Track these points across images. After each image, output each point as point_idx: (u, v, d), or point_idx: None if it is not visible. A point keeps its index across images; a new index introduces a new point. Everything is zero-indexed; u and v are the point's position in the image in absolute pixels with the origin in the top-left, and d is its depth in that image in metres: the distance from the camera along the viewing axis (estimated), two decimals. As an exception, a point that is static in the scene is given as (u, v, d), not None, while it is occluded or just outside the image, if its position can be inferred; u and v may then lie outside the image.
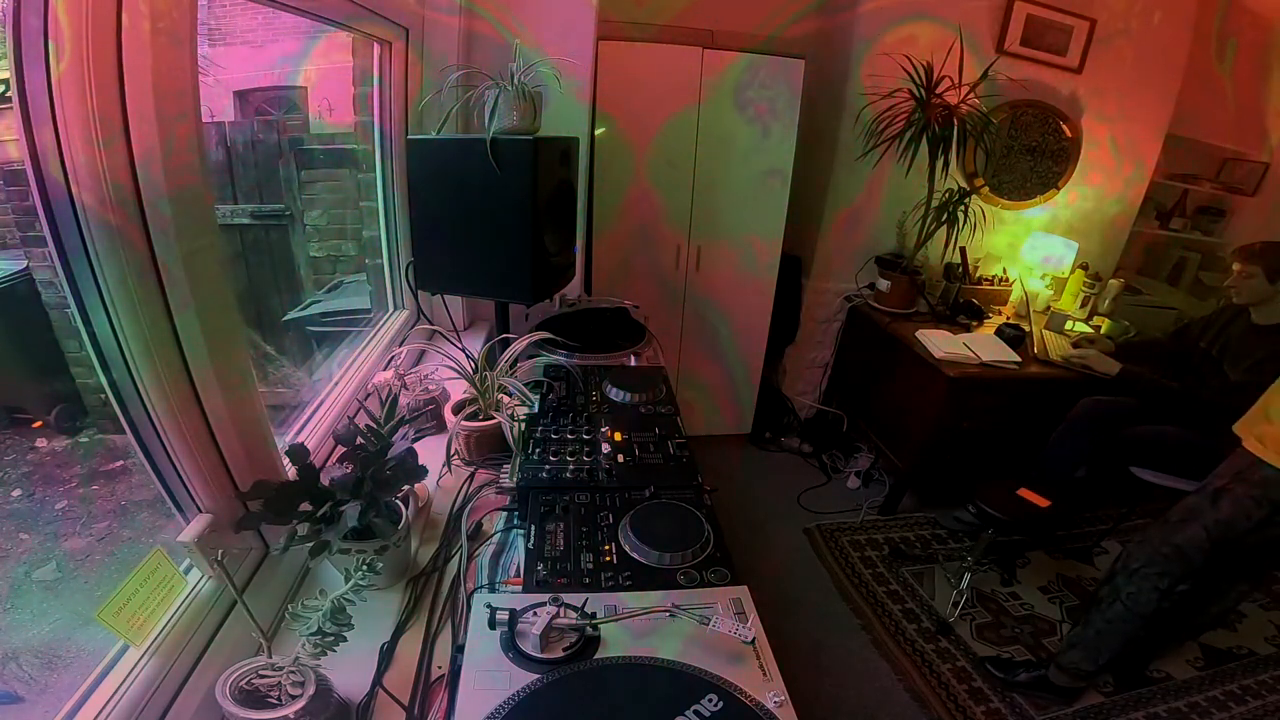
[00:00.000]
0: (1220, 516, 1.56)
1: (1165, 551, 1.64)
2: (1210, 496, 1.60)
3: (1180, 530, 1.62)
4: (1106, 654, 1.76)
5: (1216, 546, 1.57)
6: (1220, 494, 1.57)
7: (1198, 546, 1.59)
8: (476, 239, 1.44)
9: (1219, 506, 1.57)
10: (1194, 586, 1.69)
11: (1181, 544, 1.61)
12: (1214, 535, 1.57)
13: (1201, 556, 1.59)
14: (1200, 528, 1.59)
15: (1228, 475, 1.58)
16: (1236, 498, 1.54)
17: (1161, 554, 1.64)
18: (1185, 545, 1.61)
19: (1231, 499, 1.55)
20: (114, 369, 0.76)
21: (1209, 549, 1.58)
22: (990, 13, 2.60)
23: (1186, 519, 1.62)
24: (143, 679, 0.73)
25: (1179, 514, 1.65)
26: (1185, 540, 1.61)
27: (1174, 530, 1.64)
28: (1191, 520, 1.61)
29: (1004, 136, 2.78)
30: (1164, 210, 3.44)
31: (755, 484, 2.92)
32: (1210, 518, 1.58)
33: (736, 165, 2.56)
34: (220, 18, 2.14)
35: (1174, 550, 1.62)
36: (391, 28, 1.60)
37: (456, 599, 0.96)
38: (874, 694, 1.91)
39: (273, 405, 1.28)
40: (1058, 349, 2.48)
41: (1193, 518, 1.61)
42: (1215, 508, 1.57)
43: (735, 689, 0.74)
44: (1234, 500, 1.55)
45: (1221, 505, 1.57)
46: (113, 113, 0.66)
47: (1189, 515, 1.62)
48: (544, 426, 1.31)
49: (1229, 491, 1.56)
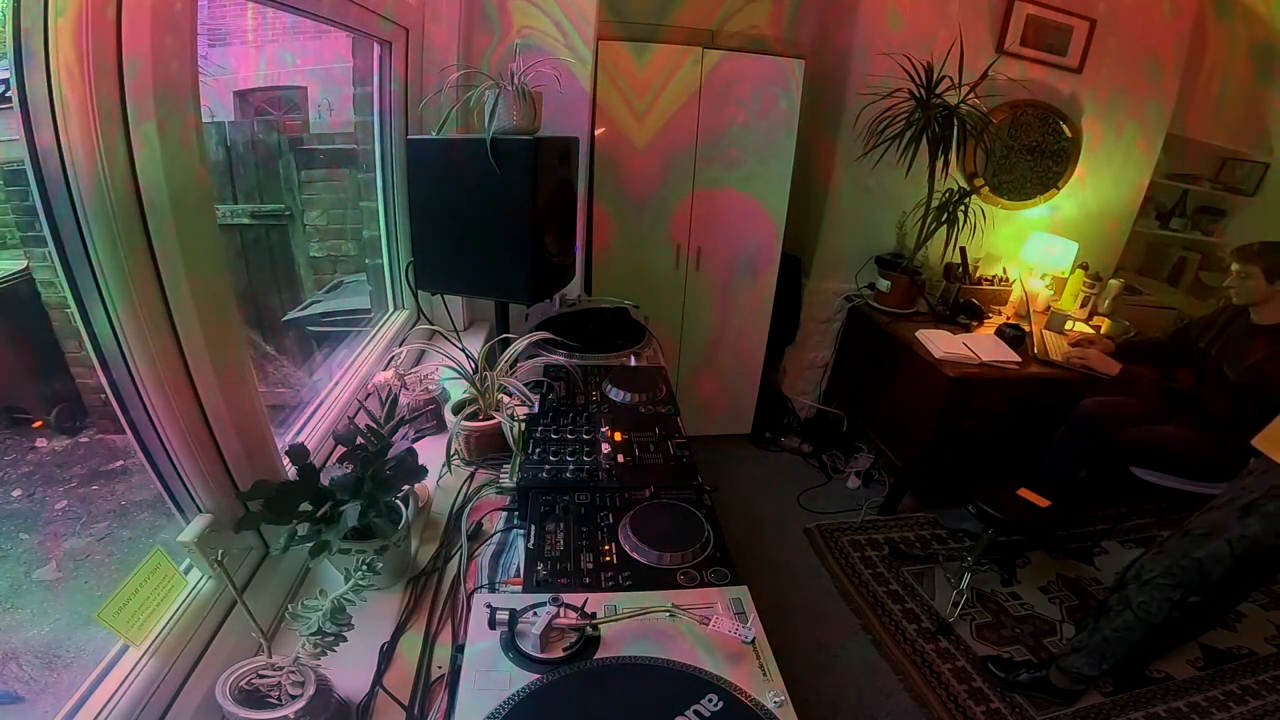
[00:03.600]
0: (1247, 533, 1.52)
1: (1184, 564, 1.60)
2: (1238, 512, 1.54)
3: (1203, 544, 1.58)
4: (1110, 660, 1.75)
5: (1239, 562, 1.54)
6: (1250, 509, 1.52)
7: (1219, 561, 1.55)
8: (476, 239, 1.44)
9: (1247, 522, 1.52)
10: (1206, 598, 1.66)
11: (1202, 558, 1.57)
12: (1238, 551, 1.53)
13: (1221, 571, 1.56)
14: (1224, 543, 1.54)
15: (1259, 490, 1.52)
16: (1268, 514, 1.50)
17: (1180, 566, 1.61)
18: (1206, 559, 1.57)
19: (1262, 515, 1.50)
20: (114, 369, 0.76)
21: (1231, 564, 1.54)
22: (990, 13, 2.60)
23: (1210, 533, 1.57)
24: (143, 679, 0.73)
25: (1201, 527, 1.60)
26: (1207, 554, 1.57)
27: (1196, 544, 1.59)
28: (1215, 535, 1.56)
29: (1004, 136, 2.78)
30: (1164, 210, 3.44)
31: (755, 484, 2.92)
32: (1236, 533, 1.53)
33: (736, 165, 2.56)
34: (220, 18, 2.14)
35: (1193, 564, 1.59)
36: (391, 28, 1.60)
37: (456, 599, 0.96)
38: (874, 694, 1.91)
39: (273, 405, 1.28)
40: (1058, 349, 2.48)
41: (1217, 533, 1.56)
42: (1243, 523, 1.53)
43: (735, 689, 0.74)
44: (1265, 516, 1.50)
45: (1250, 521, 1.52)
46: (113, 113, 0.66)
47: (1213, 530, 1.57)
48: (544, 426, 1.31)
49: (1260, 507, 1.51)
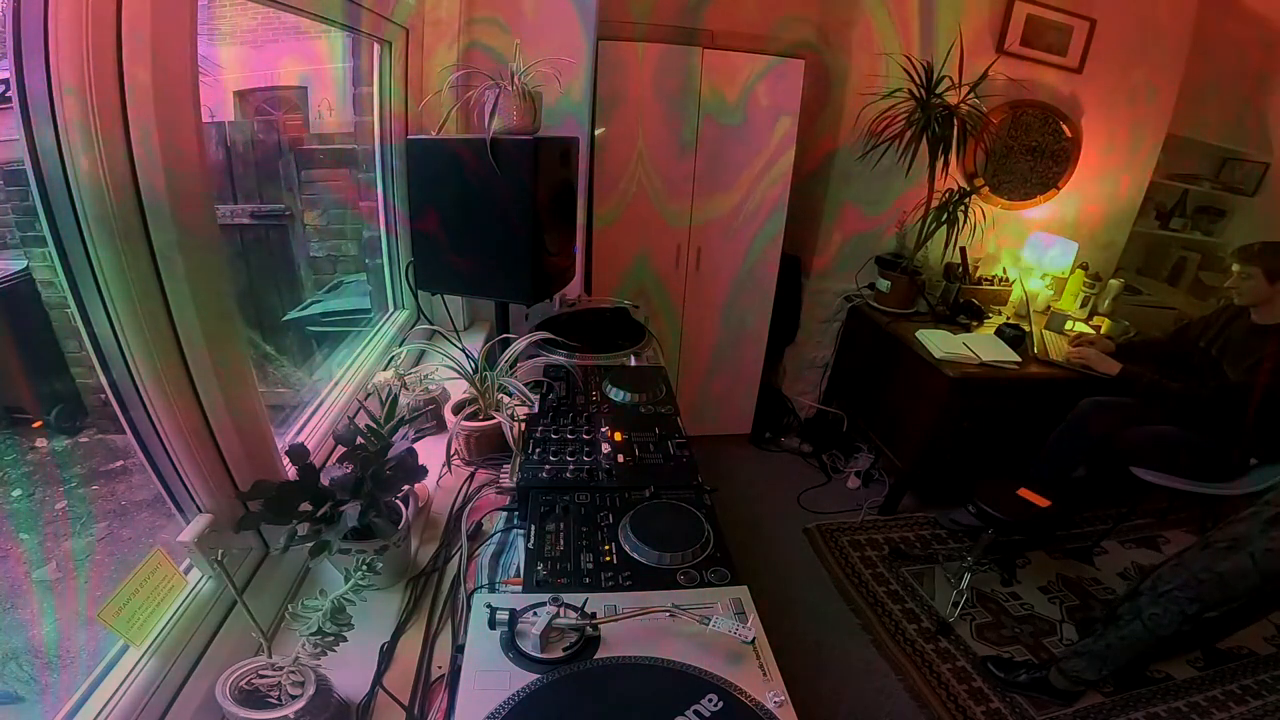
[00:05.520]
0: (1272, 546, 1.47)
1: (1204, 578, 1.55)
2: (1263, 525, 1.50)
3: (1225, 557, 1.53)
4: (1111, 666, 1.74)
5: (1265, 578, 1.48)
6: (1275, 522, 1.48)
7: (1244, 575, 1.50)
8: (476, 239, 1.44)
9: (1271, 535, 1.48)
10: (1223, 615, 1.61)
11: (1224, 572, 1.52)
12: (1262, 566, 1.48)
13: (1246, 587, 1.50)
14: (1248, 556, 1.49)
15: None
16: None
17: (1199, 579, 1.56)
18: (1229, 574, 1.51)
19: None
20: (114, 369, 0.76)
21: (1258, 580, 1.49)
22: (990, 13, 2.60)
23: (1233, 546, 1.53)
24: (143, 679, 0.73)
25: (1224, 540, 1.56)
26: (1230, 569, 1.51)
27: (1218, 557, 1.54)
28: (1238, 548, 1.52)
29: (1004, 136, 2.78)
30: (1164, 210, 3.44)
31: (755, 484, 2.91)
32: (1261, 546, 1.48)
33: (736, 165, 2.56)
34: (220, 18, 2.14)
35: (1215, 578, 1.53)
36: (391, 28, 1.60)
37: (456, 599, 0.96)
38: (874, 694, 1.91)
39: (273, 405, 1.28)
40: (1058, 349, 2.48)
41: (1240, 546, 1.52)
42: (1267, 536, 1.48)
43: (735, 689, 0.74)
44: None
45: (1275, 534, 1.47)
46: (113, 113, 0.66)
47: (1235, 543, 1.53)
48: (544, 426, 1.31)
49: None
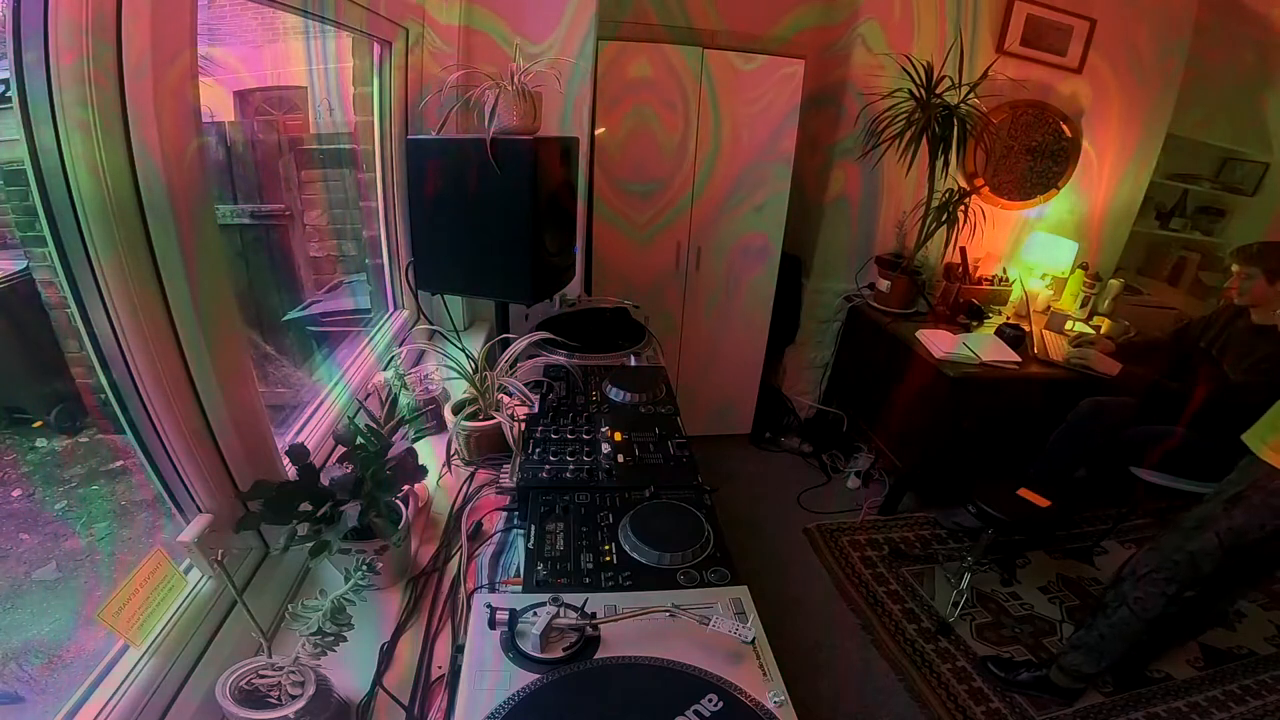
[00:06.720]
0: (1234, 524, 1.56)
1: (1177, 558, 1.63)
2: (1224, 504, 1.59)
3: (1194, 537, 1.61)
4: (1109, 657, 1.77)
5: (1228, 554, 1.57)
6: (1235, 501, 1.57)
7: (1209, 554, 1.59)
8: (476, 239, 1.44)
9: (1233, 514, 1.56)
10: (1200, 593, 1.69)
11: (1194, 551, 1.61)
12: (1226, 543, 1.57)
13: (1212, 564, 1.59)
14: (1213, 534, 1.58)
15: (1243, 483, 1.57)
16: (1252, 506, 1.54)
17: (1173, 560, 1.64)
18: (1198, 552, 1.60)
19: (1246, 507, 1.55)
20: (114, 369, 0.76)
21: (1221, 557, 1.58)
22: (990, 13, 2.60)
23: (1200, 526, 1.61)
24: (143, 679, 0.73)
25: (1192, 521, 1.64)
26: (1198, 548, 1.60)
27: (1187, 537, 1.63)
28: (1205, 528, 1.60)
29: (1004, 136, 2.78)
30: (1164, 210, 3.44)
31: (755, 484, 2.91)
32: (1224, 525, 1.57)
33: (736, 165, 2.56)
34: (220, 18, 2.14)
35: (1186, 557, 1.62)
36: (391, 28, 1.60)
37: (456, 599, 0.96)
38: (874, 694, 1.91)
39: (273, 405, 1.28)
40: (1058, 349, 2.48)
41: (1206, 525, 1.60)
42: (1229, 515, 1.57)
43: (735, 689, 0.74)
44: (1249, 508, 1.54)
45: (1235, 513, 1.56)
46: (113, 113, 0.66)
47: (1202, 523, 1.61)
48: (544, 426, 1.31)
49: (1245, 499, 1.55)
